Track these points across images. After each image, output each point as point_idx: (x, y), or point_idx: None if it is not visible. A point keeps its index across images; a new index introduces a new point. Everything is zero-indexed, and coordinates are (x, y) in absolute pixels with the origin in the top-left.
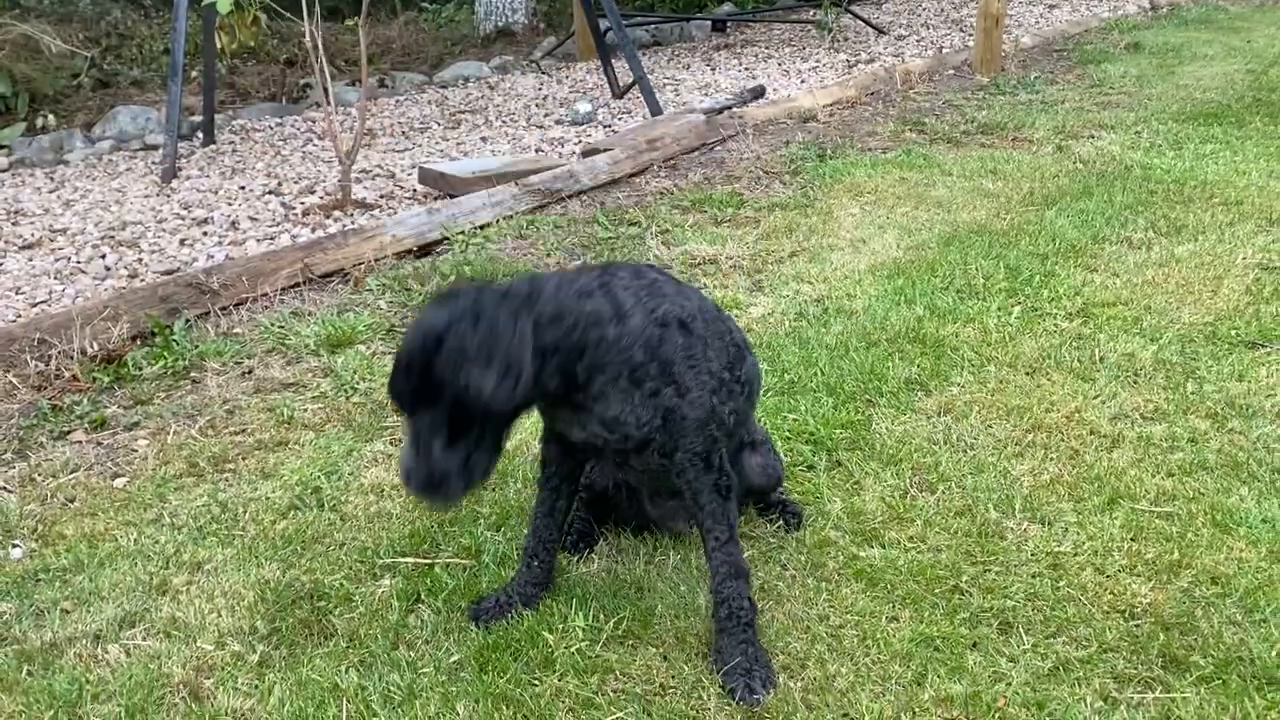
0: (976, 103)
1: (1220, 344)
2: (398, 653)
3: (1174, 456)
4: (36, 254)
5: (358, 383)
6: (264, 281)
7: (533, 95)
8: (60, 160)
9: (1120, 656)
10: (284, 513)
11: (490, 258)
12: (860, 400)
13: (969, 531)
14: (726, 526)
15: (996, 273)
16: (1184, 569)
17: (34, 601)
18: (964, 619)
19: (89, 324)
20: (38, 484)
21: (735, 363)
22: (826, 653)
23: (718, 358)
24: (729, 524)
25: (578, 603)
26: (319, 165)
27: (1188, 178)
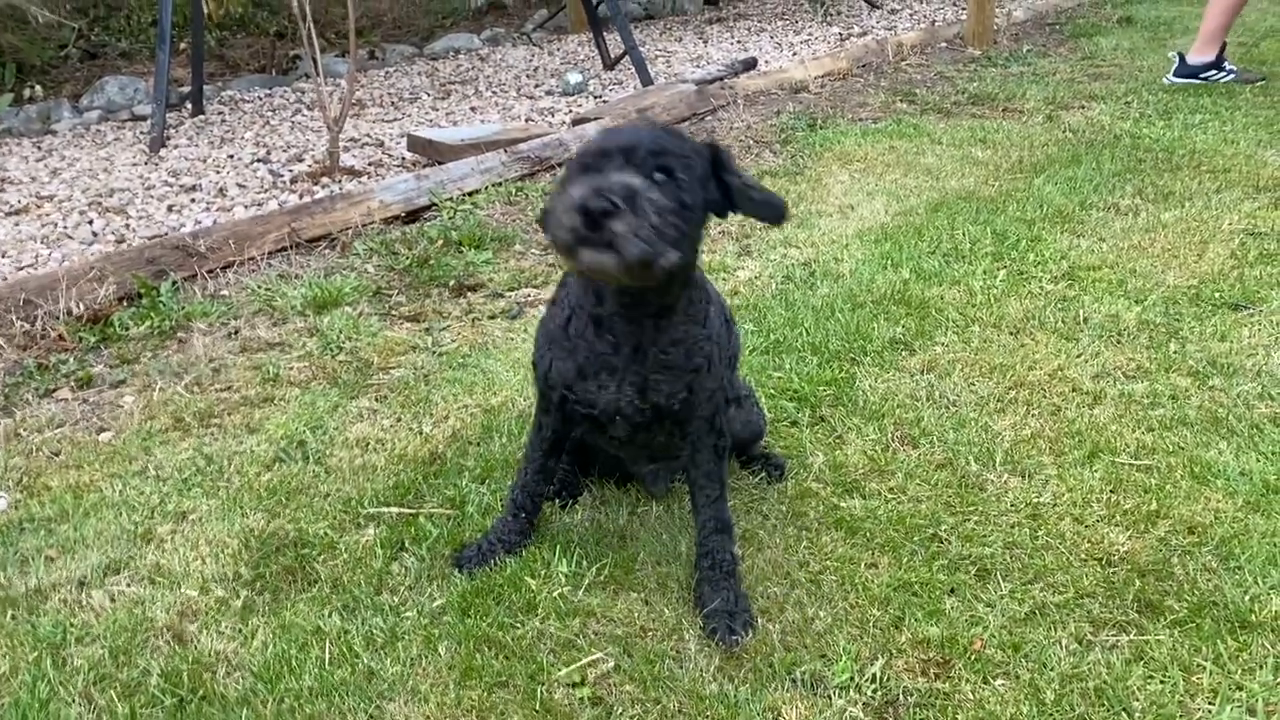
0: (968, 74)
1: (1204, 305)
2: (381, 598)
3: (1155, 412)
4: (23, 220)
5: (344, 342)
6: (251, 245)
7: (524, 67)
8: (48, 130)
9: (1096, 601)
10: (269, 465)
11: (478, 223)
12: (845, 359)
13: (949, 483)
14: (719, 484)
15: (983, 238)
16: (1161, 519)
17: (19, 550)
18: (942, 565)
19: (75, 285)
20: (23, 439)
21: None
22: (805, 597)
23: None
24: (721, 482)
25: (561, 550)
26: (308, 135)
27: (1176, 146)
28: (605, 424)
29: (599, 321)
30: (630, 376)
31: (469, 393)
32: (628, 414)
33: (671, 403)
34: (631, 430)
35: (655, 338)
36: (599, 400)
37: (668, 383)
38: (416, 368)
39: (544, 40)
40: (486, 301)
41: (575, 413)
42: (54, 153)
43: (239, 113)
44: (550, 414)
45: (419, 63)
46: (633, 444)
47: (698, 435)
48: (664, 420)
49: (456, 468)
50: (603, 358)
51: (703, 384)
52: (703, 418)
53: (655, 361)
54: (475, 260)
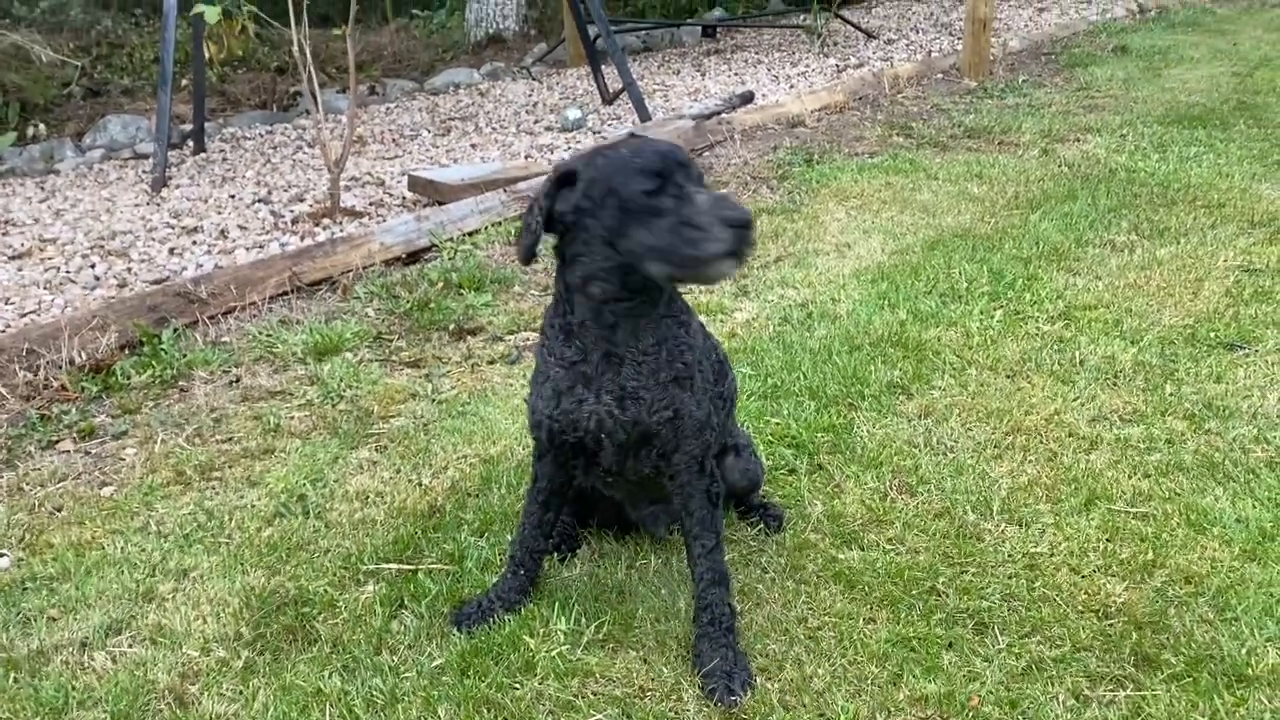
0: (964, 107)
1: (1199, 346)
2: (381, 657)
3: (1151, 458)
4: (26, 264)
5: (344, 390)
6: (252, 290)
7: (523, 102)
8: (51, 169)
9: (1093, 655)
10: (269, 520)
11: (478, 265)
12: (842, 404)
13: (947, 533)
14: (714, 534)
15: (980, 276)
16: (1158, 569)
17: (21, 610)
18: (940, 620)
19: (77, 334)
20: (25, 493)
21: (719, 378)
22: (804, 654)
23: (710, 369)
24: (716, 531)
25: (559, 607)
26: (309, 173)
27: (1171, 180)
28: (594, 450)
29: (569, 333)
30: (606, 384)
31: (468, 442)
32: (610, 430)
33: (655, 418)
34: (619, 455)
35: (632, 339)
36: (579, 418)
37: (649, 391)
38: (416, 416)
39: (543, 74)
40: (486, 345)
41: (564, 445)
42: (57, 193)
43: (240, 150)
44: (544, 460)
45: (419, 98)
46: (624, 478)
47: (688, 478)
48: (650, 441)
49: (455, 521)
50: (575, 369)
51: (687, 405)
52: (691, 455)
53: (634, 368)
54: (475, 303)
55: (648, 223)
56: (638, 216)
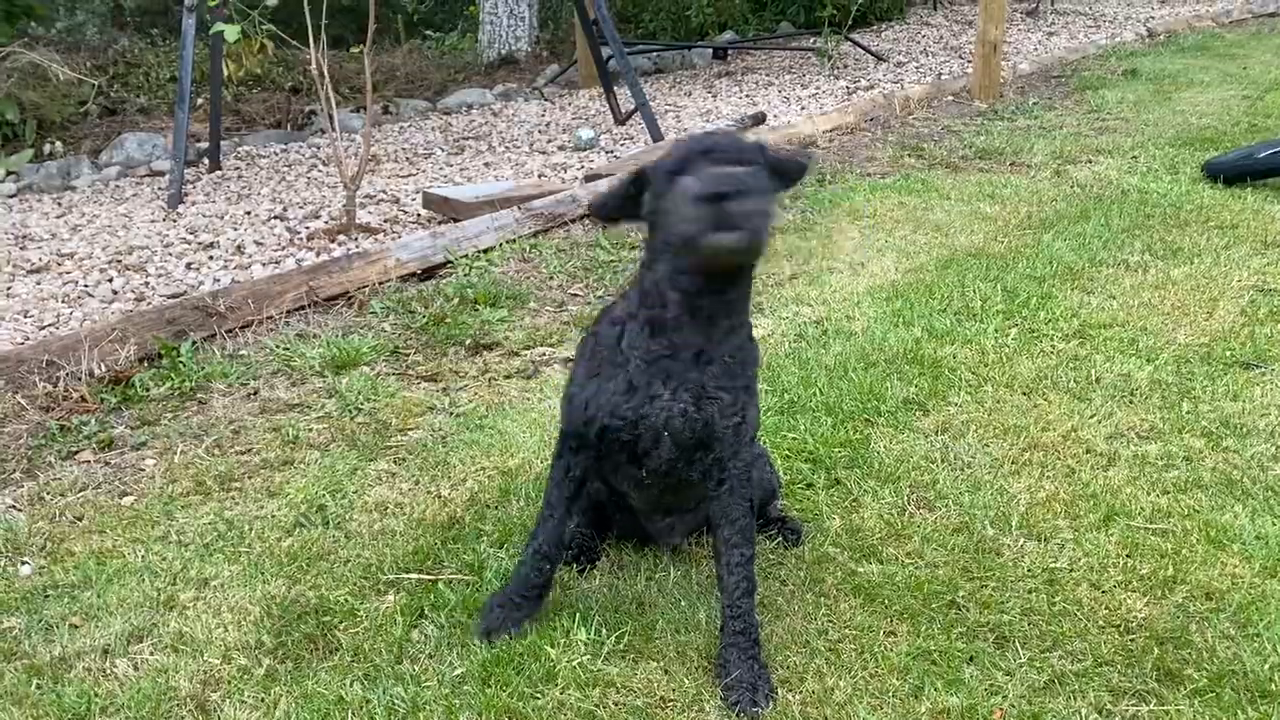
0: (975, 128)
1: (1215, 364)
2: (402, 666)
3: (1169, 474)
4: (44, 278)
5: (362, 403)
6: (269, 304)
7: (536, 122)
8: (68, 186)
9: (1115, 670)
10: (289, 530)
11: (493, 281)
12: (859, 419)
13: (966, 548)
14: (750, 545)
15: (994, 295)
16: (1178, 584)
17: (43, 617)
18: (960, 633)
19: (96, 346)
20: (46, 502)
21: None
22: (825, 666)
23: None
24: (752, 542)
25: (580, 617)
26: (324, 191)
27: (1184, 202)
28: (645, 452)
29: (659, 326)
30: (687, 383)
31: (486, 455)
32: (677, 429)
33: (724, 421)
34: (675, 456)
35: (723, 338)
36: (650, 413)
37: (726, 393)
38: (434, 429)
39: (555, 95)
40: (502, 360)
41: (613, 444)
42: (74, 209)
43: (255, 168)
44: (578, 452)
45: (432, 117)
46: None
47: (736, 484)
48: (710, 445)
49: (474, 532)
50: (660, 363)
51: (751, 413)
52: (745, 462)
53: (722, 368)
54: (491, 319)
55: (665, 215)
56: (663, 210)
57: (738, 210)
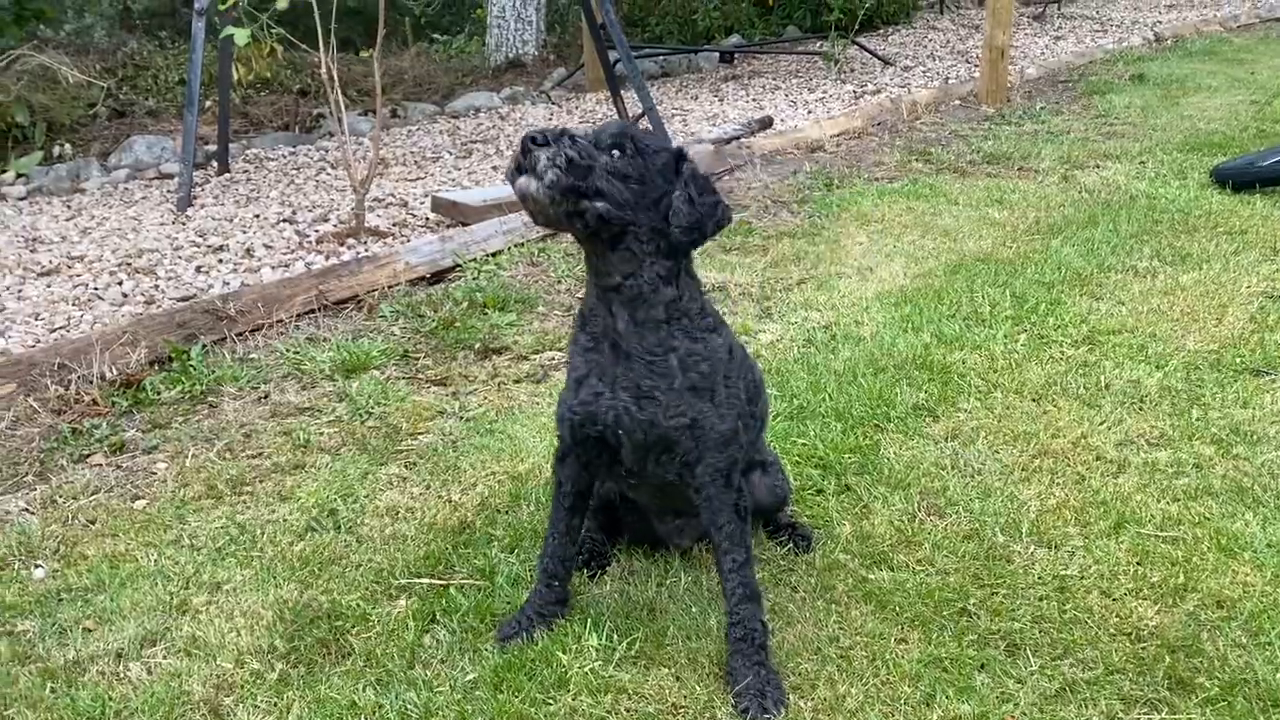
0: (982, 133)
1: (1225, 371)
2: (414, 671)
3: (1179, 482)
4: (55, 280)
5: (372, 407)
6: (279, 308)
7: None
8: (77, 189)
9: (1126, 678)
10: (301, 534)
11: (502, 285)
12: (868, 425)
13: (976, 555)
14: (744, 549)
15: (1003, 300)
16: (1189, 593)
17: (57, 620)
18: (972, 641)
19: (108, 349)
20: (59, 505)
21: (754, 397)
22: (836, 673)
23: (744, 389)
24: (746, 547)
25: (591, 623)
26: (332, 194)
27: (1192, 207)
28: (614, 447)
29: (584, 320)
30: (622, 380)
31: (496, 459)
32: (628, 429)
33: (672, 422)
34: (639, 456)
35: (635, 335)
36: (597, 410)
37: (665, 394)
38: (444, 433)
39: (562, 99)
40: (511, 364)
41: (587, 440)
42: (83, 211)
43: (264, 171)
44: (566, 462)
45: (440, 121)
46: (647, 482)
47: (714, 491)
48: (671, 449)
49: (485, 537)
50: (589, 357)
51: (706, 416)
52: (716, 467)
53: (645, 367)
54: (499, 323)
55: None
56: None
57: (540, 156)
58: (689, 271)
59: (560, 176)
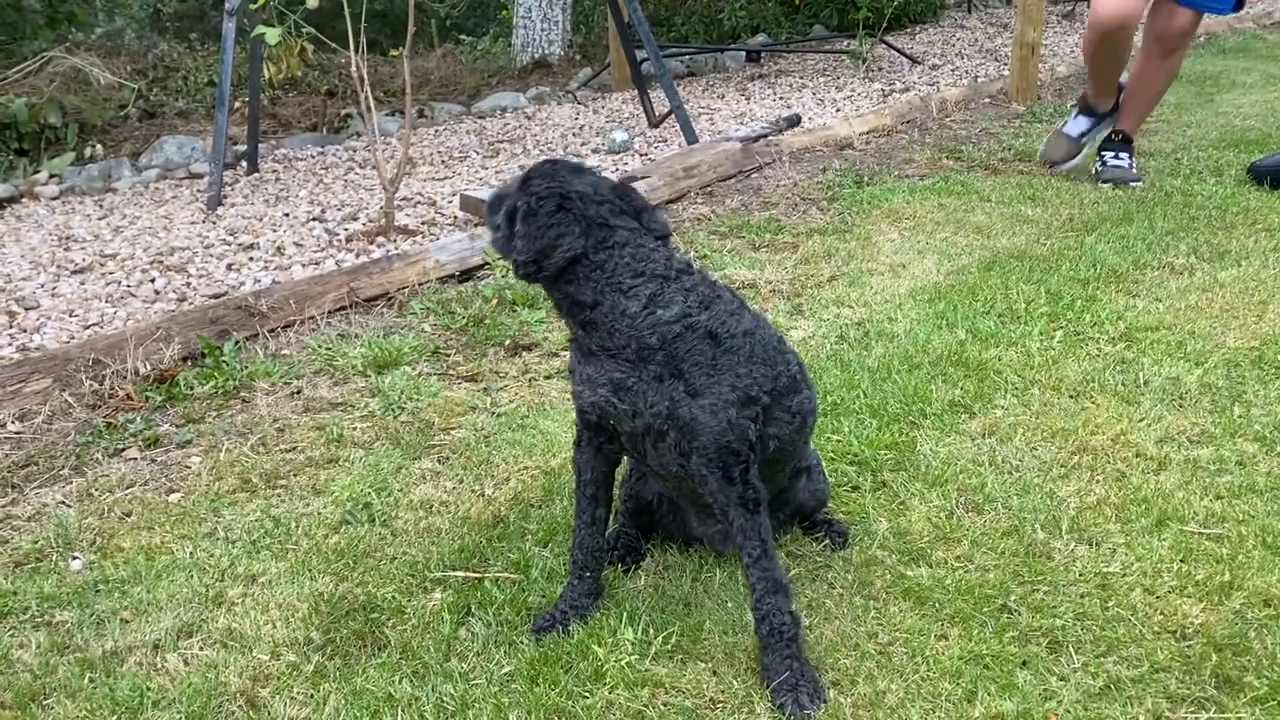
0: (1013, 130)
1: (1266, 368)
2: (450, 664)
3: (1222, 479)
4: (88, 278)
5: (405, 402)
6: (311, 304)
7: (569, 125)
8: (109, 188)
9: (1172, 676)
10: (335, 527)
11: None
12: (904, 422)
13: (1016, 552)
14: (758, 542)
15: (1038, 297)
16: (1235, 590)
17: (94, 611)
18: (1013, 637)
19: (142, 344)
20: (95, 498)
21: (785, 392)
22: (876, 669)
23: (758, 380)
24: (761, 539)
25: (627, 617)
26: (361, 193)
27: (1229, 204)
28: (613, 432)
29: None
30: (600, 378)
31: (529, 454)
32: (615, 418)
33: (651, 414)
34: (634, 443)
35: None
36: (584, 396)
37: (635, 384)
38: (476, 428)
39: (589, 98)
40: (541, 361)
41: (592, 424)
42: (115, 210)
43: (293, 170)
44: (582, 448)
45: (467, 121)
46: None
47: (715, 485)
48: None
49: (519, 530)
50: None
51: (692, 413)
52: (709, 460)
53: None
54: (529, 319)
55: None
56: None
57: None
58: (611, 276)
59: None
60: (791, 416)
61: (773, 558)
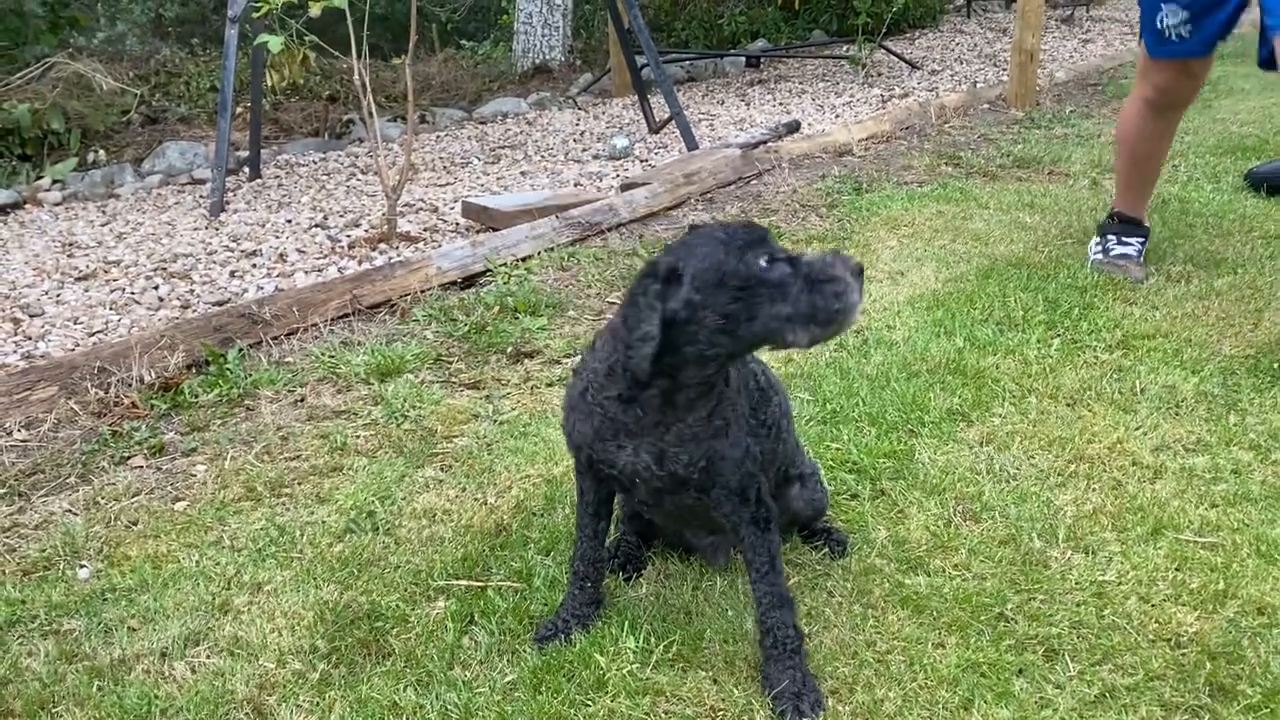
0: (1012, 137)
1: (1262, 377)
2: (454, 672)
3: (1217, 488)
4: (92, 285)
5: (408, 410)
6: (314, 312)
7: (570, 130)
8: (111, 194)
9: (1167, 684)
10: (340, 536)
11: (533, 289)
12: (902, 430)
13: (1013, 560)
14: (767, 558)
15: (1035, 305)
16: (1229, 599)
17: (102, 619)
18: (1010, 646)
19: (146, 352)
20: (101, 507)
21: (759, 405)
22: (874, 678)
23: (746, 401)
24: (770, 555)
25: (628, 626)
26: (363, 199)
27: (1226, 211)
28: (628, 486)
29: (627, 400)
30: (646, 446)
31: (531, 463)
32: (645, 478)
33: (690, 471)
34: (654, 494)
35: (685, 415)
36: (617, 460)
37: (686, 453)
38: (479, 436)
39: (589, 104)
40: (543, 368)
41: (601, 471)
42: (118, 216)
43: (295, 176)
44: (585, 475)
45: (468, 126)
46: (662, 508)
47: (730, 508)
48: (685, 487)
49: (522, 539)
50: (618, 422)
51: (721, 452)
52: (729, 488)
53: (676, 434)
54: (531, 327)
55: (777, 295)
56: (765, 293)
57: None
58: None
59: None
60: (766, 428)
61: (780, 573)
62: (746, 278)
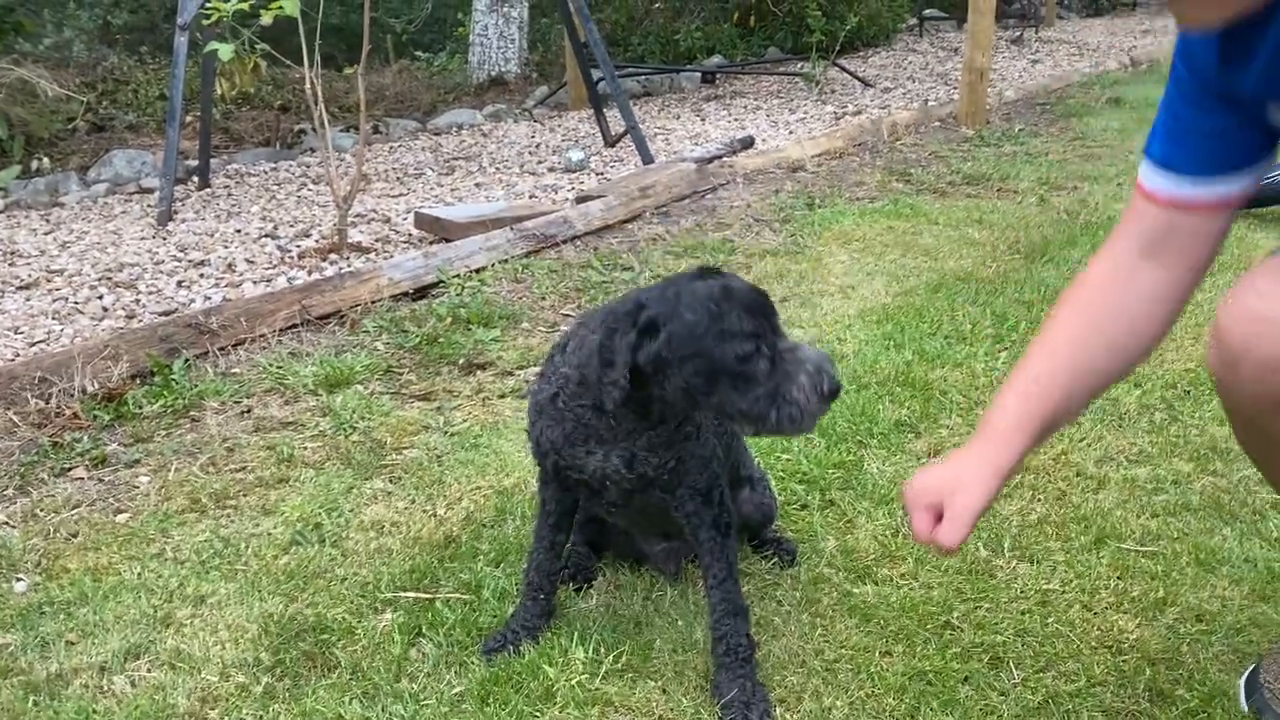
0: (962, 154)
1: (1202, 389)
2: (400, 685)
3: (1158, 498)
4: (34, 294)
5: (356, 422)
6: (262, 322)
7: (526, 143)
8: (56, 202)
9: (1108, 690)
10: (285, 548)
11: (486, 301)
12: (852, 441)
13: (959, 569)
14: (725, 564)
15: (983, 319)
16: (1169, 606)
17: (39, 633)
18: (955, 654)
19: (89, 363)
20: (40, 519)
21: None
22: (822, 686)
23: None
24: (728, 561)
25: (578, 637)
26: (314, 209)
27: None
28: (597, 489)
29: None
30: (618, 450)
31: (481, 474)
32: (615, 480)
33: (660, 472)
34: (624, 495)
35: (658, 424)
36: (587, 465)
37: (657, 456)
38: (429, 448)
39: (545, 117)
40: (496, 380)
41: (568, 478)
42: (62, 225)
43: (245, 186)
44: (549, 485)
45: (422, 138)
46: (629, 510)
47: (694, 508)
48: (653, 487)
49: (471, 551)
50: (591, 428)
51: (691, 451)
52: (695, 488)
53: (647, 440)
54: (483, 338)
55: (741, 388)
56: (730, 381)
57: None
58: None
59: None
60: (725, 432)
61: (736, 581)
62: (718, 362)
